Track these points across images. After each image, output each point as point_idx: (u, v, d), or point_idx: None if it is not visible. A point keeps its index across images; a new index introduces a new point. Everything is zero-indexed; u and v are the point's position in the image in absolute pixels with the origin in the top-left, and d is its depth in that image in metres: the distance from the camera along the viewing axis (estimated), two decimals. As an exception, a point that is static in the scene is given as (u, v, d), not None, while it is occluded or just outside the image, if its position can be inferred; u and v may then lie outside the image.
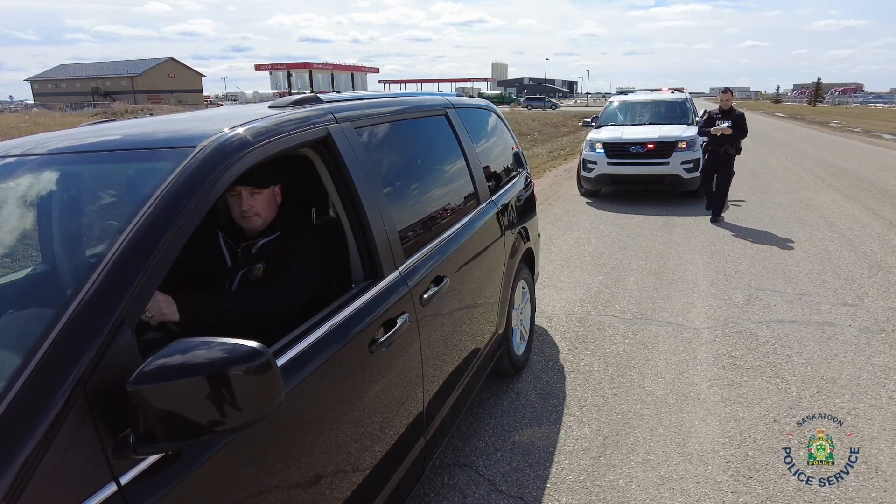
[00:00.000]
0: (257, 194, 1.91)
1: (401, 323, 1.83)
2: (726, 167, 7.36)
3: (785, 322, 4.19)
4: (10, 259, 1.73)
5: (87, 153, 1.54)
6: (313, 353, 1.51)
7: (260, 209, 1.92)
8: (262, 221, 1.94)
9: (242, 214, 1.91)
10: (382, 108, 2.24)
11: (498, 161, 3.47)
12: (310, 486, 1.49)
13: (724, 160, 7.31)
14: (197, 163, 1.33)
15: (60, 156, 1.54)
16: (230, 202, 1.92)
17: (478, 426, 3.00)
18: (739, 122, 7.22)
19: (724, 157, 7.29)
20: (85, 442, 0.97)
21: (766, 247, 6.21)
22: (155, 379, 0.97)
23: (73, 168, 1.52)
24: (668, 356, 3.70)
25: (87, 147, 1.57)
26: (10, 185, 1.53)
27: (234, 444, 1.21)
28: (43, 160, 1.53)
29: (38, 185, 1.52)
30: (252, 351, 1.01)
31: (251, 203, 1.90)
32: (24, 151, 1.55)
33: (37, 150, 1.56)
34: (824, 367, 3.50)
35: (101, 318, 1.04)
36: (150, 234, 1.17)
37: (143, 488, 1.03)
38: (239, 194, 1.88)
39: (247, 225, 1.94)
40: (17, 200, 1.54)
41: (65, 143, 1.61)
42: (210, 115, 1.93)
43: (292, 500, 1.43)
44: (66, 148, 1.58)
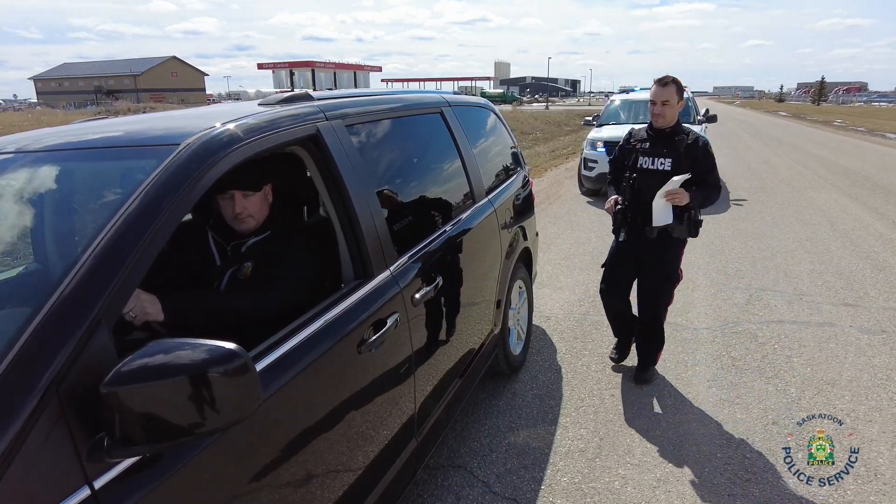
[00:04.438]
0: (250, 196, 1.88)
1: (391, 323, 1.81)
2: (662, 265, 3.15)
3: (785, 322, 4.15)
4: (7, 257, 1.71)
5: (69, 151, 1.52)
6: (300, 353, 1.48)
7: (253, 210, 1.90)
8: (255, 222, 1.92)
9: (236, 217, 1.88)
10: (375, 105, 2.21)
11: (495, 160, 3.44)
12: (297, 487, 1.47)
13: (659, 249, 3.10)
14: (180, 161, 1.31)
15: (42, 154, 1.52)
16: (222, 205, 1.88)
17: (473, 427, 2.97)
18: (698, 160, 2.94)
19: (660, 244, 3.08)
20: (57, 445, 0.94)
21: (768, 247, 6.17)
22: (129, 381, 0.95)
23: (55, 166, 1.49)
24: (667, 357, 3.66)
25: (70, 145, 1.55)
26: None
27: (216, 447, 1.19)
28: (25, 158, 1.51)
29: (19, 184, 1.49)
30: (229, 353, 0.99)
31: (244, 205, 1.87)
32: (4, 149, 1.53)
33: (19, 148, 1.54)
34: (824, 368, 3.47)
35: (77, 319, 1.02)
36: (129, 233, 1.14)
37: (118, 492, 1.01)
38: (232, 197, 1.85)
39: (240, 227, 1.91)
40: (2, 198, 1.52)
41: (48, 142, 1.59)
42: (199, 113, 1.90)
43: (280, 501, 1.41)
44: (48, 146, 1.56)
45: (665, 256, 3.13)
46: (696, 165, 2.93)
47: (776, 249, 6.06)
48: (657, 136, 3.02)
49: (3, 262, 1.75)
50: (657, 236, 3.05)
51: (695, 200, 2.93)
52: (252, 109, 1.71)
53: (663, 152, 2.97)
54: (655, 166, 2.99)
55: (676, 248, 3.14)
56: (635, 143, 3.10)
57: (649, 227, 3.03)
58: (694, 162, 2.93)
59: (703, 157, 2.95)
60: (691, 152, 2.93)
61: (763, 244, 6.28)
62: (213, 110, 1.89)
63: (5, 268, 1.75)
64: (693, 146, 2.94)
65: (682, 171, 2.89)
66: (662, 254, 3.12)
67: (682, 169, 2.91)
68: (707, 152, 2.96)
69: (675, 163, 2.94)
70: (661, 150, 2.98)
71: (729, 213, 7.85)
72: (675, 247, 3.12)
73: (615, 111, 10.42)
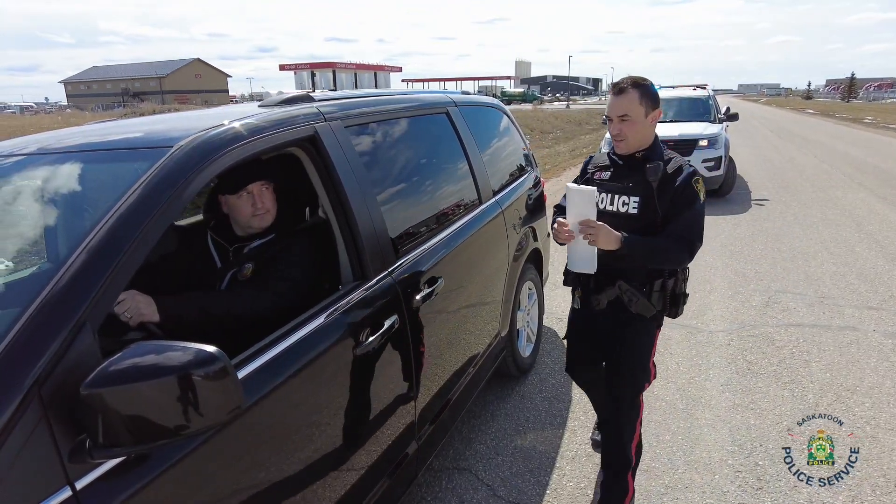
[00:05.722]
0: (267, 189, 1.91)
1: (389, 325, 1.80)
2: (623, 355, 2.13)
3: (804, 326, 4.04)
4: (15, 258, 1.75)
5: (66, 153, 1.54)
6: (295, 355, 1.48)
7: (269, 205, 1.93)
8: (271, 217, 1.94)
9: (254, 213, 1.89)
10: (377, 106, 2.20)
11: (504, 160, 3.41)
12: (291, 489, 1.46)
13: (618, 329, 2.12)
14: (171, 163, 1.32)
15: (39, 156, 1.55)
16: (237, 205, 1.89)
17: (479, 429, 2.95)
18: (675, 200, 1.98)
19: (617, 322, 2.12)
20: (38, 445, 0.95)
21: (789, 248, 6.02)
22: (107, 383, 0.95)
23: (51, 169, 1.51)
24: (680, 360, 3.59)
25: (67, 148, 1.57)
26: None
27: (204, 448, 1.19)
28: (25, 161, 1.54)
29: (15, 186, 1.52)
30: (208, 356, 0.99)
31: (262, 200, 1.89)
32: (4, 153, 1.56)
33: (19, 150, 1.57)
34: (844, 373, 3.36)
35: (61, 320, 1.03)
36: (117, 235, 1.15)
37: (100, 493, 1.01)
38: (251, 193, 1.87)
39: (257, 224, 1.91)
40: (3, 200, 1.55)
41: (47, 145, 1.62)
42: (200, 115, 1.92)
43: (274, 503, 1.40)
44: (47, 149, 1.59)
45: (626, 340, 2.10)
46: (672, 206, 1.96)
47: (798, 250, 5.90)
48: (624, 164, 2.07)
49: (26, 261, 1.79)
50: (610, 309, 2.09)
51: (632, 247, 1.90)
52: (250, 111, 1.72)
53: (628, 187, 2.02)
54: (616, 207, 2.04)
55: (642, 332, 2.10)
56: (594, 173, 2.16)
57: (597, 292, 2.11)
58: (670, 202, 1.96)
59: (681, 194, 1.95)
60: (668, 187, 1.96)
61: (784, 245, 6.13)
62: (213, 112, 1.90)
63: (24, 267, 1.79)
64: (671, 178, 1.97)
65: (652, 217, 1.98)
66: (622, 336, 2.10)
67: (652, 214, 1.98)
68: (689, 190, 1.95)
69: (644, 204, 1.99)
70: (625, 183, 2.04)
71: (749, 213, 7.68)
72: (640, 329, 2.09)
73: (634, 110, 10.28)
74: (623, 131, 1.97)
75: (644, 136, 2.00)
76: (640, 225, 1.98)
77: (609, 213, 2.04)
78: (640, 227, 1.97)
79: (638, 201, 2.00)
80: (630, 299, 2.06)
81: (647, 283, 2.04)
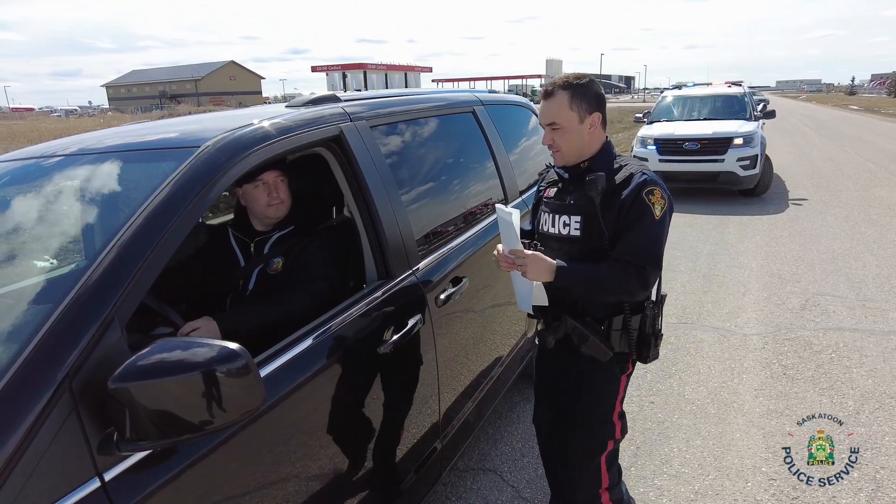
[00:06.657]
0: (282, 181, 1.96)
1: (412, 324, 1.80)
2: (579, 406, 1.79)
3: (845, 330, 3.89)
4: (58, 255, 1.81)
5: (103, 153, 1.59)
6: (318, 353, 1.50)
7: (284, 196, 1.97)
8: (286, 209, 1.99)
9: (269, 203, 1.94)
10: (402, 106, 2.21)
11: (532, 160, 3.37)
12: (314, 487, 1.48)
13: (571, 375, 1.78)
14: (198, 163, 1.35)
15: (79, 156, 1.61)
16: (253, 194, 1.94)
17: (506, 430, 2.93)
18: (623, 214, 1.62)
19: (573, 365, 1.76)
20: (69, 437, 0.98)
21: (828, 249, 5.81)
22: (135, 377, 0.97)
23: (90, 168, 1.56)
24: (712, 363, 3.51)
25: (105, 148, 1.63)
26: (35, 185, 1.61)
27: (230, 444, 1.21)
28: (60, 162, 1.60)
29: (58, 185, 1.58)
30: (231, 353, 1.01)
31: (277, 190, 1.94)
32: (45, 154, 1.62)
33: (62, 151, 1.63)
34: (889, 380, 3.22)
35: (91, 316, 1.06)
36: (144, 233, 1.18)
37: (127, 485, 1.04)
38: (266, 183, 1.91)
39: (273, 214, 1.96)
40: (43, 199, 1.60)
41: (87, 145, 1.67)
42: (230, 115, 1.96)
43: (297, 501, 1.42)
44: (86, 149, 1.65)
45: (581, 388, 1.77)
46: (619, 225, 1.62)
47: (837, 252, 5.69)
48: (569, 178, 1.76)
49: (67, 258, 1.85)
50: (559, 350, 1.78)
51: (567, 278, 1.60)
52: (278, 112, 1.74)
53: (569, 205, 1.72)
54: (557, 229, 1.74)
55: (602, 380, 1.75)
56: (545, 190, 1.87)
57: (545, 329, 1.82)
58: (616, 220, 1.62)
59: (629, 209, 1.60)
60: (613, 202, 1.62)
61: (823, 246, 5.92)
62: (242, 113, 1.94)
63: (65, 264, 1.85)
64: (617, 190, 1.62)
65: (598, 238, 1.64)
66: (578, 384, 1.77)
67: (597, 235, 1.64)
68: (638, 203, 1.59)
69: (587, 223, 1.66)
70: (566, 200, 1.74)
71: (787, 213, 7.44)
72: (599, 376, 1.75)
73: (667, 108, 10.06)
74: (556, 141, 1.68)
75: (582, 144, 1.68)
76: (586, 248, 1.66)
77: (552, 235, 1.76)
78: (587, 252, 1.65)
79: (580, 221, 1.67)
80: (580, 339, 1.69)
81: (605, 320, 1.69)
